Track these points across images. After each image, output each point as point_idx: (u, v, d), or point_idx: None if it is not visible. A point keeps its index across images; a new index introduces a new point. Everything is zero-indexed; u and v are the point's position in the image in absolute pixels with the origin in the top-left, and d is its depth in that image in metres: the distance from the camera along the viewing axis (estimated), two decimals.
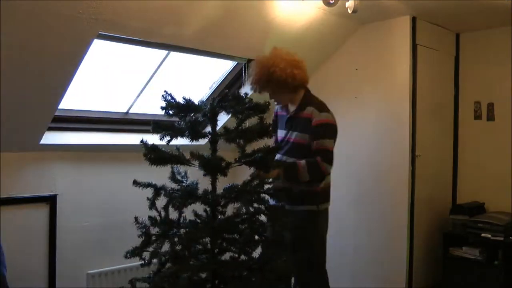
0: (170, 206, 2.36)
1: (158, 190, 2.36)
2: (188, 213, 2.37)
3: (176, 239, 2.31)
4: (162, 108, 2.35)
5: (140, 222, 2.42)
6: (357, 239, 3.52)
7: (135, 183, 2.38)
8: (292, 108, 2.65)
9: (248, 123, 2.40)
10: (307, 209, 2.58)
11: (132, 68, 3.19)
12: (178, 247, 2.34)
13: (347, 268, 3.56)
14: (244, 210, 2.32)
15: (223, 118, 2.75)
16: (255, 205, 2.36)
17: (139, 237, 2.37)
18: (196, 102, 2.35)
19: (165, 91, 2.35)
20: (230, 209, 2.38)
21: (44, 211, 3.01)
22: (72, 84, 2.64)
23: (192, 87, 3.55)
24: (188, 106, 2.36)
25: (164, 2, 2.48)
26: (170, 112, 2.32)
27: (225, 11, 2.72)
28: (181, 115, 2.37)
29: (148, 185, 2.39)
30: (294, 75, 2.51)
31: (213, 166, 2.28)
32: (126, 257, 2.35)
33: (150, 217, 2.39)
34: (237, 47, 3.16)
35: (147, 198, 2.36)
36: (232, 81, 3.64)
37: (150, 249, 2.41)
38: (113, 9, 2.35)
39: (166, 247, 2.43)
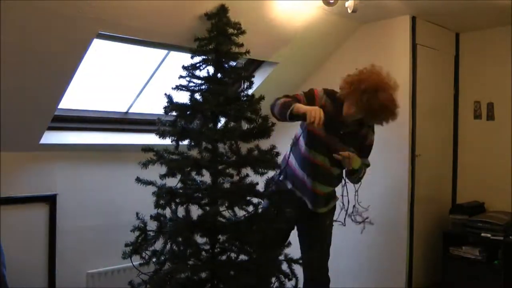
0: (172, 203, 2.39)
1: (160, 188, 2.38)
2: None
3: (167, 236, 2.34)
4: (164, 108, 2.38)
5: (141, 218, 2.44)
6: (357, 239, 3.51)
7: (138, 180, 2.40)
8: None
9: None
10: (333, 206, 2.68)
11: (132, 68, 3.18)
12: (176, 247, 2.36)
13: (347, 267, 3.56)
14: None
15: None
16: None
17: (131, 231, 2.40)
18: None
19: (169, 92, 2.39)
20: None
21: (44, 211, 3.01)
22: (72, 83, 2.64)
23: None
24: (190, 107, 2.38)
25: (164, 2, 2.48)
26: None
27: None
28: (183, 116, 2.40)
29: (150, 183, 2.41)
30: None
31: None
32: (124, 257, 2.37)
33: (156, 215, 2.42)
34: None
35: (152, 193, 2.38)
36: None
37: (150, 248, 2.43)
38: (113, 9, 2.35)
39: (165, 247, 2.45)
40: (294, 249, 2.59)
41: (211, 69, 2.58)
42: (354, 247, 3.54)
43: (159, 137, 2.44)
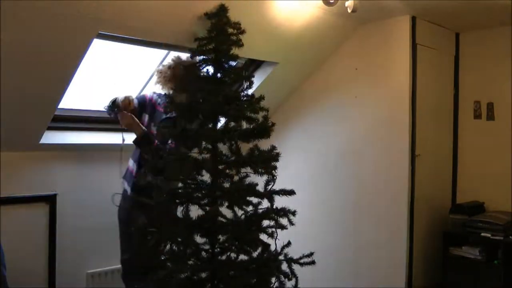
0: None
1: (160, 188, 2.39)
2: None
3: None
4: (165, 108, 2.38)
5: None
6: (357, 239, 3.52)
7: (138, 180, 2.40)
8: None
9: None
10: None
11: (132, 67, 3.19)
12: (175, 247, 2.36)
13: (347, 268, 3.56)
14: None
15: None
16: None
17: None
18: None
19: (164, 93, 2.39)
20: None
21: (44, 211, 3.01)
22: (72, 83, 2.65)
23: None
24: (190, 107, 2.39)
25: (163, 2, 2.48)
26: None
27: None
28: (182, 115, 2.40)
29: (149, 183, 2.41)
30: None
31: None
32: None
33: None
34: None
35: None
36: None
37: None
38: (113, 8, 2.35)
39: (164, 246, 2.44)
40: (294, 249, 2.59)
41: (210, 69, 2.58)
42: (354, 247, 3.54)
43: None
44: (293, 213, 2.48)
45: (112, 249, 3.14)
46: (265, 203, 2.50)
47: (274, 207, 2.45)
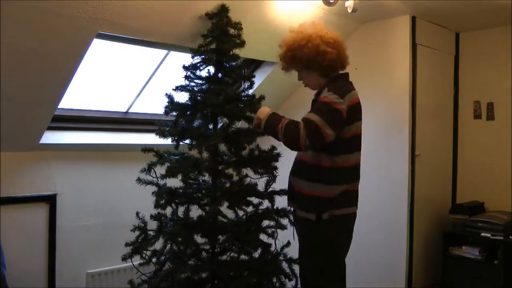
0: (172, 203, 2.39)
1: (160, 188, 2.39)
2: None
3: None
4: (164, 108, 2.38)
5: (140, 217, 2.45)
6: (357, 239, 3.51)
7: (139, 180, 2.40)
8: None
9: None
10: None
11: (132, 67, 3.18)
12: (176, 247, 2.36)
13: (347, 267, 3.56)
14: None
15: None
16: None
17: (132, 231, 2.40)
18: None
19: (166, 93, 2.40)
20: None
21: (44, 211, 3.01)
22: (72, 83, 2.64)
23: None
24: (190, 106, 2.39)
25: (163, 2, 2.48)
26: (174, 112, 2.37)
27: None
28: (183, 116, 2.40)
29: (150, 182, 2.41)
30: (325, 53, 2.15)
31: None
32: (124, 258, 2.37)
33: (156, 215, 2.42)
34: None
35: (152, 192, 2.38)
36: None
37: (150, 248, 2.43)
38: (113, 8, 2.34)
39: (164, 246, 2.44)
40: (293, 249, 2.59)
41: (211, 69, 2.58)
42: (354, 247, 3.53)
43: (160, 137, 2.44)
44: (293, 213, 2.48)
45: (112, 249, 3.14)
46: (266, 204, 2.50)
47: (275, 207, 2.45)
